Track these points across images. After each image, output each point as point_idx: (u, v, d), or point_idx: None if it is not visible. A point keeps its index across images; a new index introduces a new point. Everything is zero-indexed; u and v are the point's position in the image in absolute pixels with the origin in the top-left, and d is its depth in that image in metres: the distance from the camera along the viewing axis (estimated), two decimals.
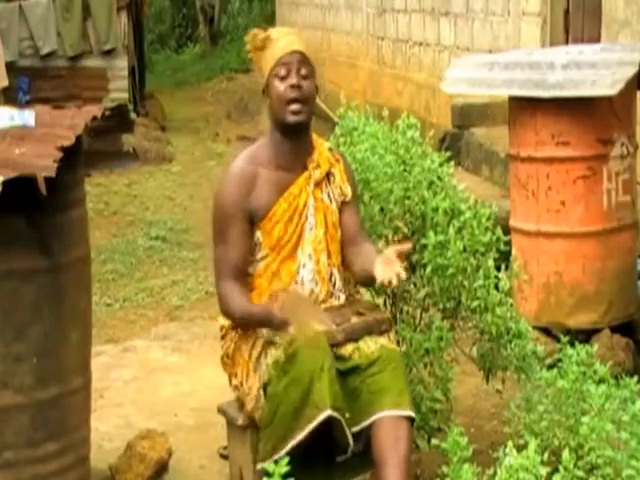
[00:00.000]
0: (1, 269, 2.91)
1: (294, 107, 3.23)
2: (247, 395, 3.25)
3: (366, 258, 3.23)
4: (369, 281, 3.28)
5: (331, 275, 3.33)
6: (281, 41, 3.28)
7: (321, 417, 2.96)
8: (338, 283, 3.35)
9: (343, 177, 3.40)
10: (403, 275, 3.03)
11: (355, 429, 3.10)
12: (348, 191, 3.39)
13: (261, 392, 3.17)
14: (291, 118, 3.24)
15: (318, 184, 3.34)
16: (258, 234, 3.28)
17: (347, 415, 3.04)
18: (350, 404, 3.09)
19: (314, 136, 3.41)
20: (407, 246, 3.21)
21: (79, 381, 3.15)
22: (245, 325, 3.28)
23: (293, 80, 3.23)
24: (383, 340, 3.22)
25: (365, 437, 3.14)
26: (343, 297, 3.36)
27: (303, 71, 3.25)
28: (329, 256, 3.33)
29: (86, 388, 3.22)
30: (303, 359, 3.00)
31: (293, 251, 3.28)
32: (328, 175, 3.37)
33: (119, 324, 5.67)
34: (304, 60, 3.27)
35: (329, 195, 3.36)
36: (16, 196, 2.78)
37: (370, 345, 3.18)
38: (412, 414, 3.11)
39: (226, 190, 3.28)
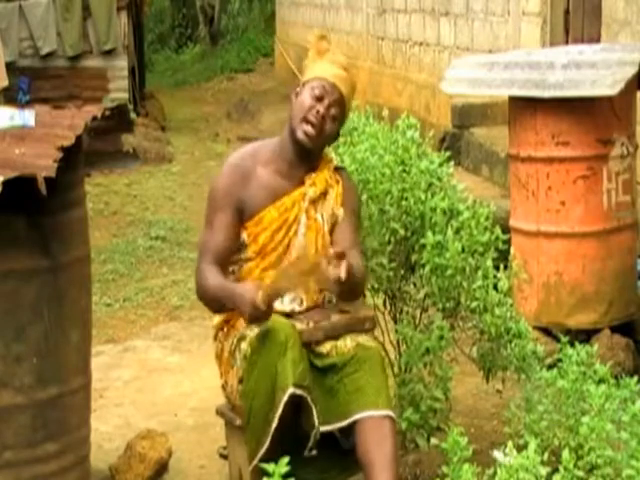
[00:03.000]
0: (1, 269, 2.91)
1: (307, 128, 3.23)
2: (231, 393, 3.27)
3: None
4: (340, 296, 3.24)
5: (323, 296, 3.31)
6: (335, 67, 3.31)
7: (285, 397, 2.95)
8: (333, 300, 3.30)
9: (338, 199, 3.34)
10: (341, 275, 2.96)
11: (331, 427, 3.09)
12: (339, 212, 3.33)
13: (239, 387, 3.17)
14: (300, 136, 3.24)
15: (313, 202, 3.30)
16: (244, 235, 3.27)
17: (315, 398, 3.02)
18: (328, 402, 3.09)
19: (327, 156, 3.39)
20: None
21: (79, 381, 3.15)
22: (219, 303, 3.22)
23: (322, 109, 3.23)
24: (361, 338, 3.19)
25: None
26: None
27: (334, 111, 3.26)
28: None
29: (86, 388, 3.22)
30: (267, 347, 3.00)
31: (278, 261, 3.26)
32: (324, 194, 3.33)
33: (119, 324, 5.66)
34: (341, 101, 3.28)
35: (322, 216, 3.32)
36: (16, 196, 2.78)
37: (347, 343, 3.16)
38: (390, 413, 3.09)
39: (220, 179, 3.29)
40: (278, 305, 3.19)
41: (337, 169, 3.41)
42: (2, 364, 2.93)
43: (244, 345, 3.13)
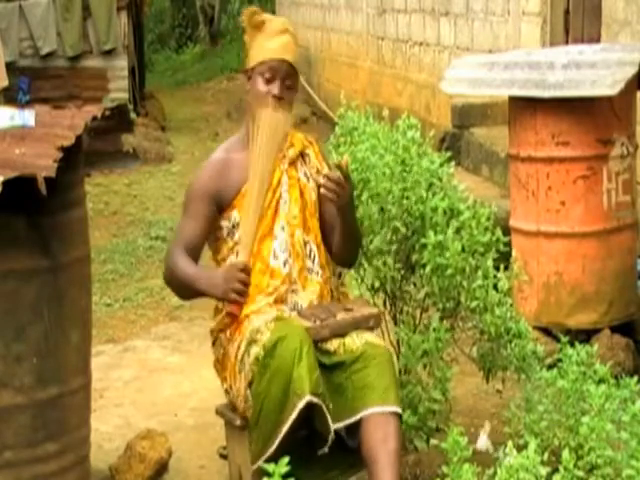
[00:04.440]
0: (1, 269, 2.91)
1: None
2: (237, 397, 3.26)
3: None
4: (345, 251, 3.36)
5: (310, 251, 3.36)
6: (275, 40, 3.34)
7: (301, 404, 2.96)
8: (317, 260, 3.37)
9: (319, 157, 3.47)
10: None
11: (341, 425, 3.11)
12: (326, 169, 3.43)
13: (248, 392, 3.17)
14: None
15: (292, 163, 3.40)
16: (235, 214, 3.32)
17: (329, 403, 3.04)
18: (336, 399, 3.10)
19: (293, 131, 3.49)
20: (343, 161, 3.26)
21: (79, 381, 3.15)
22: (184, 287, 3.31)
23: (276, 90, 3.31)
24: (368, 336, 3.23)
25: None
26: (321, 273, 3.37)
27: (288, 82, 3.34)
28: (307, 232, 3.36)
29: (86, 388, 3.22)
30: (281, 351, 3.02)
31: (270, 228, 3.33)
32: (303, 156, 3.43)
33: (119, 324, 5.66)
34: (291, 71, 3.34)
35: (305, 174, 3.42)
36: (16, 196, 2.78)
37: (355, 341, 3.19)
38: (399, 410, 3.11)
39: (198, 177, 3.39)
40: (272, 261, 3.29)
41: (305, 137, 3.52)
42: (2, 364, 2.93)
43: (256, 348, 3.13)
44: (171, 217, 8.02)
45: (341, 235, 3.35)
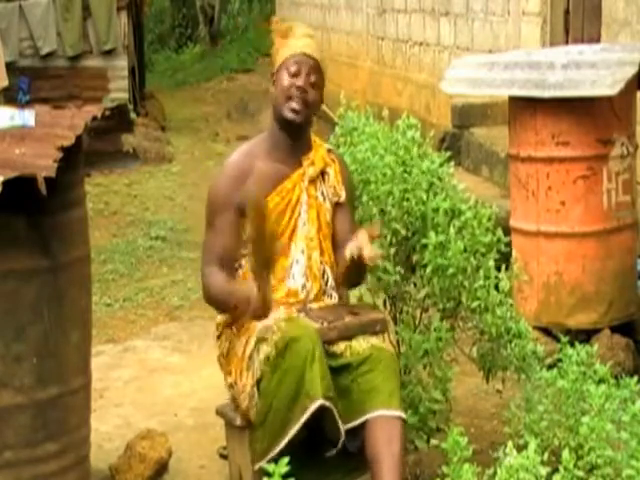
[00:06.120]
0: (1, 269, 2.91)
1: (293, 105, 3.29)
2: (241, 393, 3.25)
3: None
4: (346, 276, 3.32)
5: (324, 273, 3.35)
6: (301, 40, 3.37)
7: (313, 407, 2.96)
8: (330, 281, 3.36)
9: (338, 178, 3.42)
10: (377, 253, 3.15)
11: (346, 427, 3.10)
12: (342, 193, 3.42)
13: (255, 390, 3.17)
14: (288, 114, 3.29)
15: (312, 181, 3.37)
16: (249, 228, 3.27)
17: (339, 407, 3.04)
18: (341, 401, 3.10)
19: (313, 137, 3.45)
20: (375, 227, 3.27)
21: (79, 381, 3.15)
22: (222, 304, 3.28)
23: (300, 82, 3.29)
24: (375, 339, 3.23)
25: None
26: (336, 295, 3.37)
27: (312, 78, 3.32)
28: (322, 254, 3.35)
29: (86, 388, 3.22)
30: (294, 352, 3.01)
31: (286, 246, 3.30)
32: (323, 174, 3.40)
33: (119, 324, 5.66)
34: (316, 67, 3.33)
35: (323, 193, 3.39)
36: (16, 196, 2.78)
37: (362, 344, 3.19)
38: (402, 414, 3.12)
39: (219, 182, 3.33)
40: (291, 283, 3.28)
41: (329, 150, 3.48)
42: (2, 364, 2.93)
43: (266, 347, 3.12)
44: (171, 217, 8.02)
45: (346, 276, 3.32)
